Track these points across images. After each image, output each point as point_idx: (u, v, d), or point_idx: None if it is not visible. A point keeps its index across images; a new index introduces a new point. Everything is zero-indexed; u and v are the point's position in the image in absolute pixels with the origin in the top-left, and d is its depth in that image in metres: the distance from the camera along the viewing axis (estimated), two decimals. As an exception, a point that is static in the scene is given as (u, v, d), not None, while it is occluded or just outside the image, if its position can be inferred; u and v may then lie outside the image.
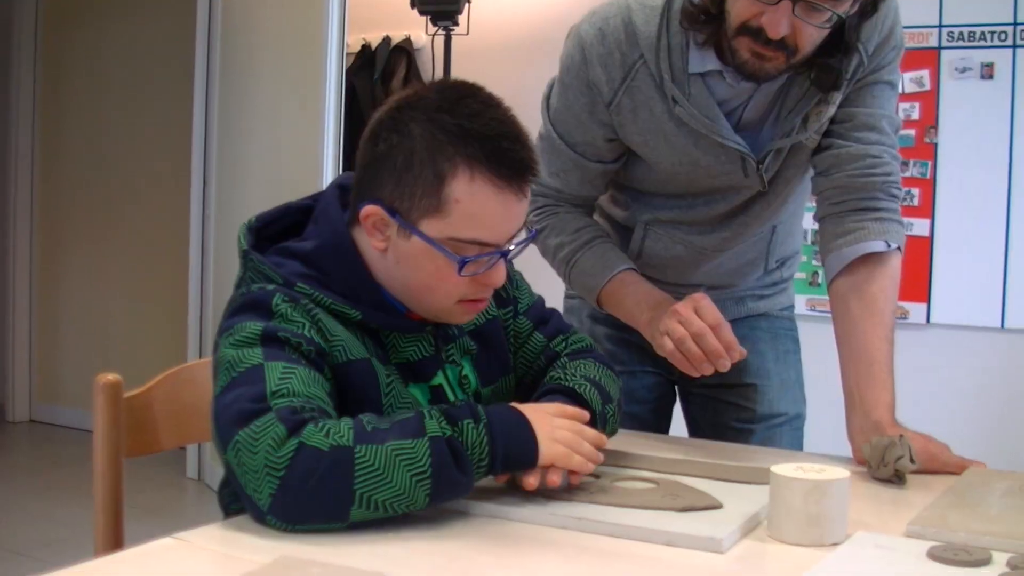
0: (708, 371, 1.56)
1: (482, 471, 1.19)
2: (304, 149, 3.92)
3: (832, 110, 1.67)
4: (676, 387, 2.01)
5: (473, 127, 1.27)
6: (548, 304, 1.63)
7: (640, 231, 1.85)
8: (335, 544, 1.08)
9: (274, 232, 1.41)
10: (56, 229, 5.83)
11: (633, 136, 1.71)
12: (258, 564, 0.99)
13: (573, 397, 1.42)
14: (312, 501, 1.10)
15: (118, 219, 5.61)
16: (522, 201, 1.31)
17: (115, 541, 1.43)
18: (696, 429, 1.98)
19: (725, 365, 1.54)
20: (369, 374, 1.31)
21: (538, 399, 1.43)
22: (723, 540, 1.12)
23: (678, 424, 2.02)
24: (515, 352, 1.58)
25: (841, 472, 1.18)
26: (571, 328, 1.62)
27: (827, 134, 1.71)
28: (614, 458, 1.46)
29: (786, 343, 1.98)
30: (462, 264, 1.30)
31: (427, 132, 1.28)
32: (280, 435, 1.11)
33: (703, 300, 1.56)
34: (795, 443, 1.93)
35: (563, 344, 1.58)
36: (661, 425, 1.99)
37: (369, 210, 1.31)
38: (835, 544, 1.14)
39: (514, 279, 1.56)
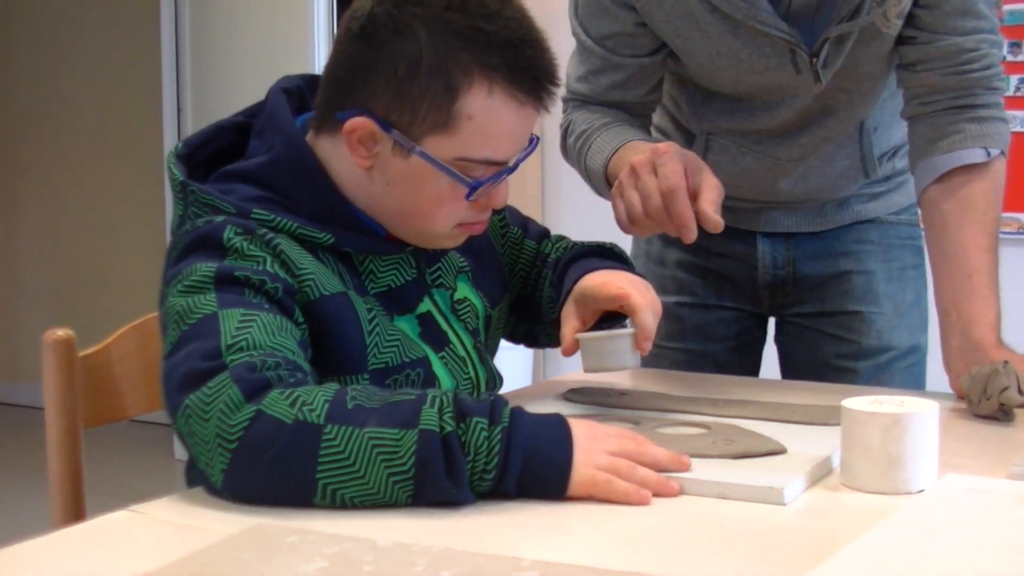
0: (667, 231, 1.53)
1: (485, 485, 1.11)
2: (292, 69, 3.94)
3: None
4: (768, 321, 1.99)
5: (492, 30, 1.27)
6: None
7: (701, 143, 1.84)
8: (314, 509, 1.09)
9: (207, 157, 1.40)
10: (8, 179, 5.88)
11: (661, 25, 1.69)
12: (225, 535, 1.00)
13: (604, 255, 1.51)
14: (269, 481, 1.09)
15: (81, 164, 5.65)
16: (538, 114, 1.34)
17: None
18: (789, 369, 1.97)
19: (688, 237, 1.48)
20: (347, 310, 1.31)
21: (566, 269, 1.50)
22: (784, 490, 1.12)
23: (771, 367, 2.00)
24: (513, 264, 1.60)
25: (927, 404, 1.17)
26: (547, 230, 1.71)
27: (910, 19, 1.66)
28: (657, 401, 1.47)
29: (903, 256, 1.92)
30: (474, 188, 1.32)
31: (436, 36, 1.27)
32: (235, 399, 1.10)
33: (665, 155, 1.49)
34: (912, 382, 1.89)
35: (550, 246, 1.64)
36: (745, 367, 1.97)
37: (357, 123, 1.30)
38: (921, 492, 1.14)
39: None
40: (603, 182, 1.70)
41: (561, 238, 1.68)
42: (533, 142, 1.39)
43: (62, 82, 5.70)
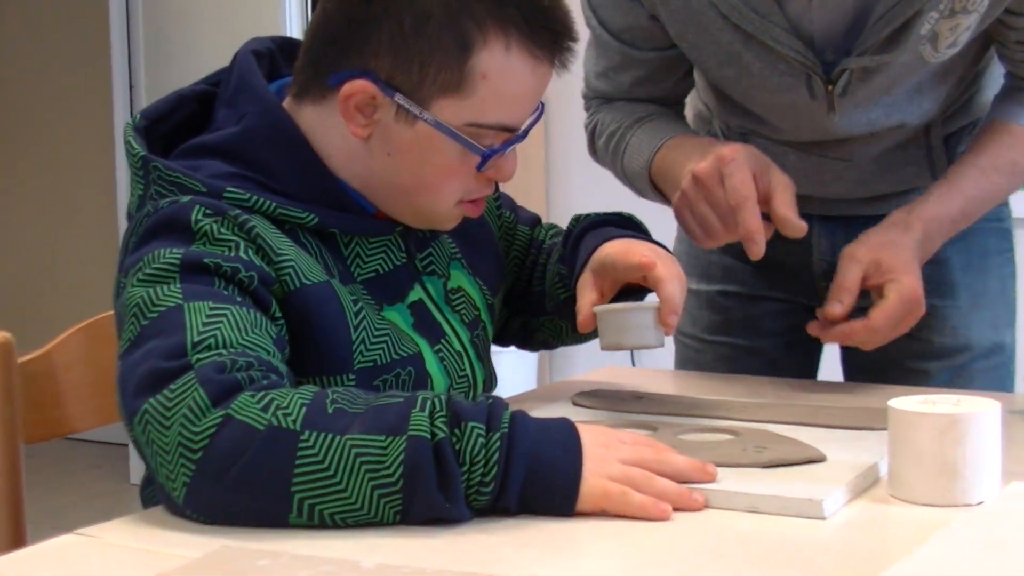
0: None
1: (483, 499, 1.10)
2: (262, 29, 3.93)
3: (971, 20, 1.61)
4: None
5: None
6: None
7: (736, 140, 1.82)
8: (289, 528, 1.08)
9: (168, 131, 1.40)
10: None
11: (669, 27, 1.71)
12: (187, 559, 0.99)
13: (621, 224, 1.52)
14: (238, 495, 1.08)
15: (21, 147, 5.66)
16: (553, 73, 1.37)
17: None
18: (853, 370, 1.95)
19: (755, 252, 1.55)
20: (331, 301, 1.31)
21: (579, 239, 1.51)
22: (824, 502, 1.11)
23: (834, 369, 1.99)
24: (507, 251, 1.63)
25: (987, 404, 1.16)
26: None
27: (1002, 48, 1.71)
28: (677, 404, 1.47)
29: (985, 240, 1.89)
30: (486, 157, 1.33)
31: None
32: (201, 403, 1.09)
33: (732, 163, 1.54)
34: (996, 386, 1.86)
35: (543, 232, 1.70)
36: (800, 367, 1.95)
37: (355, 86, 1.31)
38: (981, 504, 1.13)
39: None
40: (648, 184, 1.74)
41: (553, 226, 1.70)
42: (540, 109, 1.41)
43: None
